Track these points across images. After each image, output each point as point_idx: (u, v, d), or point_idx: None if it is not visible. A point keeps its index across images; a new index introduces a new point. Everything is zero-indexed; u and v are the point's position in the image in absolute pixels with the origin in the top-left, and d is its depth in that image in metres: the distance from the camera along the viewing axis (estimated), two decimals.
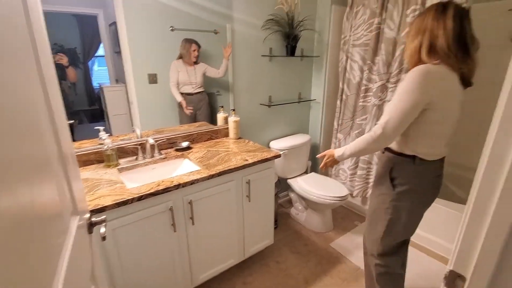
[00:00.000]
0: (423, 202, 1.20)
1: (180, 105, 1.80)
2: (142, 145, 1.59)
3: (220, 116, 1.97)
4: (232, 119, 1.91)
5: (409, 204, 1.17)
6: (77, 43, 1.46)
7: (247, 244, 1.71)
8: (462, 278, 0.61)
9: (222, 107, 1.96)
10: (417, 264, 1.84)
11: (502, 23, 1.99)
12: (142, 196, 1.17)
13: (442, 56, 1.01)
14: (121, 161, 1.54)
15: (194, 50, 1.75)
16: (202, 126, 1.91)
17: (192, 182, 1.31)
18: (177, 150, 1.71)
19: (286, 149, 2.21)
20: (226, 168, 1.44)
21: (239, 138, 1.98)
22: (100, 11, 1.46)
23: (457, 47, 0.99)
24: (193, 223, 1.39)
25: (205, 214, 1.44)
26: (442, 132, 1.09)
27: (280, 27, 2.05)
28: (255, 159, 1.57)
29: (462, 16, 1.00)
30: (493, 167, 0.52)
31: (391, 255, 1.29)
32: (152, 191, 1.20)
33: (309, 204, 2.20)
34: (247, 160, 1.56)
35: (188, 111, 1.82)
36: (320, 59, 2.35)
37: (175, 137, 1.77)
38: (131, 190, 1.21)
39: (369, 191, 2.30)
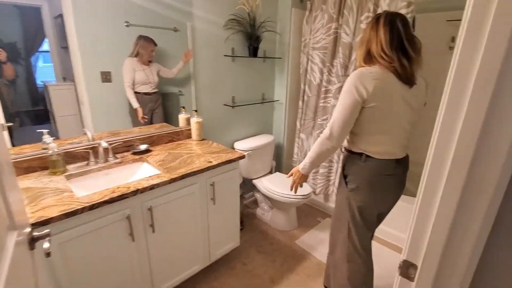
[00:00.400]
0: (374, 200, 1.22)
1: (135, 111, 1.68)
2: (94, 149, 1.47)
3: (182, 117, 1.89)
4: (194, 120, 1.85)
5: (360, 202, 1.23)
6: (18, 37, 1.31)
7: (213, 248, 1.67)
8: (414, 266, 0.65)
9: (184, 107, 1.89)
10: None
11: (442, 32, 2.22)
12: (94, 204, 1.07)
13: (377, 59, 1.10)
14: (70, 167, 1.40)
15: (152, 51, 1.67)
16: (162, 128, 1.82)
17: (151, 187, 1.24)
18: (134, 153, 1.61)
19: (251, 150, 2.21)
20: (189, 171, 1.39)
21: (203, 139, 1.93)
22: (45, 2, 1.32)
23: (391, 49, 1.07)
24: (153, 231, 1.31)
25: (166, 220, 1.37)
26: (385, 130, 1.14)
27: (242, 27, 2.04)
28: (219, 161, 1.54)
29: (394, 21, 1.09)
30: (436, 167, 0.56)
31: (362, 253, 1.32)
32: (106, 198, 1.11)
33: (274, 203, 2.23)
34: (211, 162, 1.52)
35: (143, 121, 1.72)
36: (282, 61, 2.40)
37: (132, 139, 1.66)
38: (81, 198, 1.10)
39: (331, 188, 2.40)
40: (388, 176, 1.19)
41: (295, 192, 1.39)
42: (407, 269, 0.66)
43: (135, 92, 1.66)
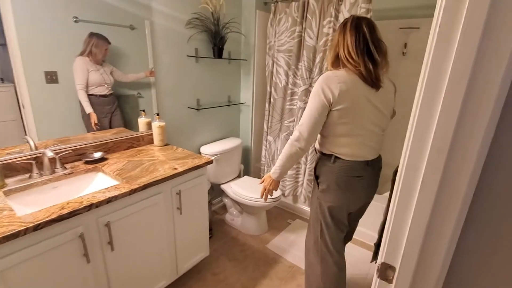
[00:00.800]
0: (343, 200, 1.23)
1: (88, 116, 1.51)
2: (38, 159, 1.28)
3: (142, 121, 1.76)
4: (156, 124, 1.73)
5: (330, 202, 1.24)
6: None
7: (181, 261, 1.57)
8: (392, 268, 0.65)
9: (144, 111, 1.76)
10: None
11: (395, 39, 2.37)
12: (39, 224, 0.92)
13: (344, 63, 1.14)
14: (9, 181, 1.20)
15: (106, 49, 1.52)
16: (120, 133, 1.67)
17: (108, 200, 1.11)
18: (87, 162, 1.44)
19: (218, 154, 2.13)
20: (152, 180, 1.28)
21: (166, 144, 1.81)
22: None
23: (357, 54, 1.09)
24: (112, 249, 1.17)
25: (127, 236, 1.24)
26: (351, 132, 1.15)
27: (205, 27, 1.97)
28: (186, 167, 1.44)
29: (360, 25, 1.11)
30: (411, 170, 0.56)
31: (334, 253, 1.32)
32: (53, 216, 0.96)
33: (244, 208, 2.18)
34: (176, 168, 1.42)
35: (96, 127, 1.55)
36: (247, 63, 2.36)
37: (84, 147, 1.49)
38: (24, 218, 0.94)
39: (299, 189, 2.42)
40: (357, 178, 1.20)
41: (265, 199, 1.36)
42: (385, 271, 0.66)
43: (90, 95, 1.49)
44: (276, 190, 1.36)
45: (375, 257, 1.56)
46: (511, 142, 0.51)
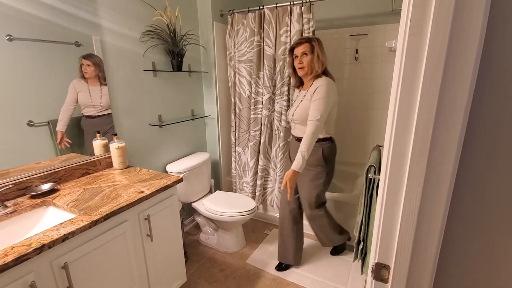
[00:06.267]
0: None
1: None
2: None
3: (97, 143, 1.59)
4: (115, 145, 1.58)
5: (331, 166, 1.71)
6: None
7: None
8: (386, 267, 0.63)
9: (99, 132, 1.60)
10: (314, 252, 2.01)
11: (347, 45, 2.51)
12: None
13: (323, 73, 1.63)
14: None
15: (88, 65, 1.49)
16: (71, 159, 1.48)
17: (64, 238, 0.95)
18: (34, 197, 1.24)
19: (186, 171, 2.02)
20: (115, 208, 1.14)
21: (128, 167, 1.65)
22: None
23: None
24: None
25: (91, 276, 1.08)
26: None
27: (161, 40, 1.88)
28: (153, 189, 1.32)
29: None
30: (395, 169, 0.56)
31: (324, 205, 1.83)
32: None
33: (219, 224, 2.08)
34: (142, 191, 1.29)
35: (64, 146, 1.44)
36: (209, 75, 2.31)
37: (29, 179, 1.29)
38: None
39: (269, 198, 2.38)
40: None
41: (290, 198, 1.54)
42: (379, 271, 0.64)
43: (82, 115, 1.52)
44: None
45: (357, 255, 1.58)
46: (486, 128, 0.53)
